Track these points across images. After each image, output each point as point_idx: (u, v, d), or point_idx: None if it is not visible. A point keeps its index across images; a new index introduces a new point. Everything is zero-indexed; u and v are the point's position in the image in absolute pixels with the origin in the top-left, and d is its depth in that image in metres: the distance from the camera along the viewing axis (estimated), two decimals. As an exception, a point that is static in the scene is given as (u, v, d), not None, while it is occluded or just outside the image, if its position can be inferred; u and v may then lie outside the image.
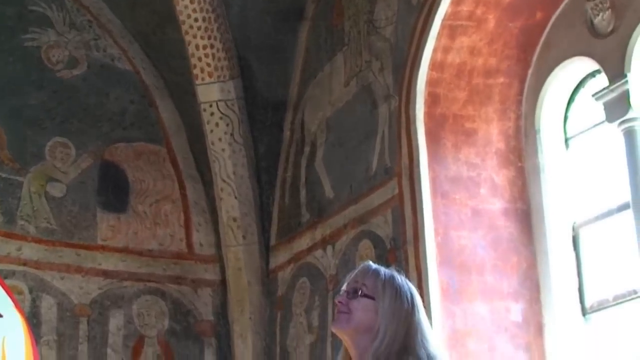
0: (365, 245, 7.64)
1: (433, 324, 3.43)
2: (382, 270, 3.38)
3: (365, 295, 3.32)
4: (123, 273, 8.79)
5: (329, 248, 8.12)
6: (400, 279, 3.39)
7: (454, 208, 7.08)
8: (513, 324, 6.90)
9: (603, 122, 6.66)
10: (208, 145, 9.00)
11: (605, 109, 6.45)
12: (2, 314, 6.66)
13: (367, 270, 3.39)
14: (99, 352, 8.48)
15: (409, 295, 3.35)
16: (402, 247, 7.16)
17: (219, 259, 9.12)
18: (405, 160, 7.25)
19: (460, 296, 6.85)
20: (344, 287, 3.40)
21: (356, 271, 3.43)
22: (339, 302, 3.35)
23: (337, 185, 8.18)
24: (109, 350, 8.52)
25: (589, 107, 6.92)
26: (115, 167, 9.08)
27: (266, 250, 9.02)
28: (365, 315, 3.31)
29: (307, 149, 8.71)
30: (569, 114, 7.20)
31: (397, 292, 3.34)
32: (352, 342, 3.33)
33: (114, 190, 9.00)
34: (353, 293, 3.34)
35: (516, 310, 6.92)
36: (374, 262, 3.46)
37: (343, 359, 3.41)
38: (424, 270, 6.87)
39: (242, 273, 8.94)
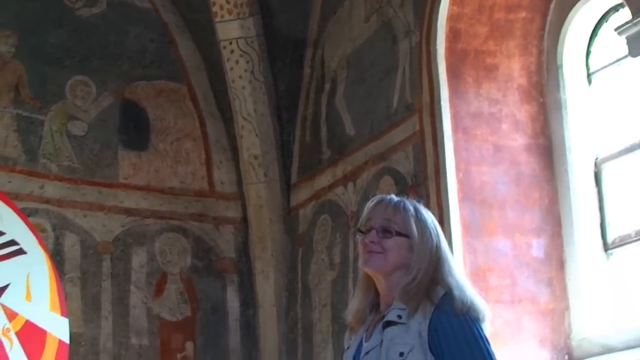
0: (387, 181, 7.64)
1: (455, 260, 3.46)
2: (408, 204, 3.36)
3: (398, 234, 3.30)
4: (145, 211, 8.82)
5: (350, 185, 8.13)
6: (424, 210, 3.38)
7: (475, 144, 7.06)
8: (535, 260, 6.91)
9: (626, 56, 6.59)
10: (228, 83, 8.98)
11: (628, 43, 6.37)
12: (26, 250, 6.74)
13: (396, 206, 3.35)
14: (122, 288, 8.55)
15: (433, 227, 3.35)
16: (423, 183, 7.16)
17: (240, 197, 9.14)
18: (426, 96, 7.22)
19: (481, 232, 6.86)
20: (367, 223, 3.37)
21: (377, 205, 3.38)
22: (371, 242, 3.32)
23: (358, 122, 8.16)
24: (132, 287, 8.59)
25: (611, 42, 6.86)
26: (136, 105, 9.09)
27: (287, 187, 9.04)
28: (399, 253, 3.30)
29: (327, 86, 8.68)
30: (592, 49, 7.14)
31: (426, 226, 3.34)
32: (385, 280, 3.32)
33: (135, 128, 9.01)
34: (384, 232, 3.32)
35: (538, 246, 6.93)
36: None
37: (363, 288, 3.41)
38: (445, 206, 6.87)
39: (264, 210, 8.96)
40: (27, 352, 6.52)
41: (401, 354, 3.17)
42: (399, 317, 3.23)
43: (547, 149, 7.14)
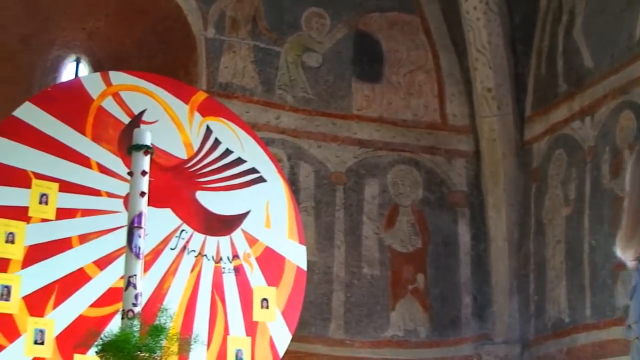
0: (627, 116, 7.40)
1: None
2: None
3: None
4: (378, 142, 8.87)
5: (587, 119, 7.92)
6: None
7: None
8: None
9: None
10: (462, 14, 8.86)
11: None
12: (266, 179, 6.85)
13: None
14: (354, 219, 8.64)
15: None
16: (667, 117, 6.91)
17: (472, 130, 9.06)
18: (672, 27, 6.94)
19: None
20: None
21: None
22: None
23: (597, 54, 7.92)
24: (364, 218, 8.67)
25: None
26: (370, 37, 9.10)
27: (521, 121, 8.88)
28: None
29: (564, 18, 8.45)
30: None
31: None
32: None
33: (368, 60, 9.04)
34: None
35: None
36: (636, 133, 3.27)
37: None
38: (691, 142, 6.62)
39: (497, 144, 8.85)
40: (267, 277, 6.64)
41: None
42: None
43: None
